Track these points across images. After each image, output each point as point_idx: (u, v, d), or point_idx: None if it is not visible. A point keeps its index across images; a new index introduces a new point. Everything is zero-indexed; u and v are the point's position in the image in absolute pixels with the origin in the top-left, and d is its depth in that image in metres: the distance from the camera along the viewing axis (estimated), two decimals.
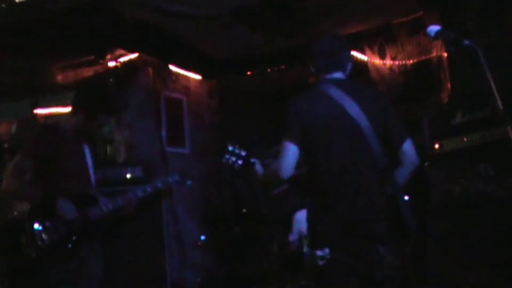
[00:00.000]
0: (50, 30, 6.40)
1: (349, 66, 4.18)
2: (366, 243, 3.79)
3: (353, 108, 3.93)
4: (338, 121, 3.93)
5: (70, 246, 4.65)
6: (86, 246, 4.77)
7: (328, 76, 4.11)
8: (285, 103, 4.06)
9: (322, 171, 3.94)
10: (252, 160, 4.44)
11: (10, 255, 5.80)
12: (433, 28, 3.22)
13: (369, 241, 3.79)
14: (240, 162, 4.50)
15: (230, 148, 4.54)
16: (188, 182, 5.65)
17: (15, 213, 6.73)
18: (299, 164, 3.94)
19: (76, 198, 4.76)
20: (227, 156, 4.51)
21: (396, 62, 7.44)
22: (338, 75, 4.12)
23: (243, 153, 4.50)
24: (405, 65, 7.37)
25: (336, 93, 3.98)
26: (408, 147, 4.02)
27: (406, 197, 3.97)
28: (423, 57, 7.26)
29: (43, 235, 4.58)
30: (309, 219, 4.04)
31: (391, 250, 3.79)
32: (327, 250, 3.78)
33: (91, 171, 5.09)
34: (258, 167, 4.43)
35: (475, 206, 4.98)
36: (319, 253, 3.81)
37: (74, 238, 4.66)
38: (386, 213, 3.82)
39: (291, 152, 3.91)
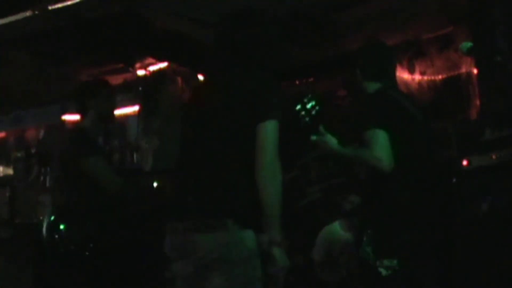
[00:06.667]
0: (81, 38, 6.46)
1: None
2: (432, 260, 3.83)
3: (419, 117, 3.88)
4: (412, 130, 3.86)
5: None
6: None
7: (383, 84, 3.99)
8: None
9: (399, 182, 3.83)
10: None
11: (36, 262, 5.79)
12: (466, 45, 3.21)
13: (433, 258, 3.83)
14: None
15: None
16: None
17: (41, 218, 6.76)
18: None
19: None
20: None
21: (425, 77, 7.40)
22: (391, 83, 4.03)
23: None
24: (434, 80, 7.33)
25: (404, 102, 3.92)
26: None
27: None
28: (452, 73, 7.22)
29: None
30: (383, 228, 3.92)
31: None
32: (395, 262, 3.76)
33: None
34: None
35: (503, 223, 4.93)
36: (386, 262, 3.78)
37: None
38: None
39: (385, 140, 3.69)
